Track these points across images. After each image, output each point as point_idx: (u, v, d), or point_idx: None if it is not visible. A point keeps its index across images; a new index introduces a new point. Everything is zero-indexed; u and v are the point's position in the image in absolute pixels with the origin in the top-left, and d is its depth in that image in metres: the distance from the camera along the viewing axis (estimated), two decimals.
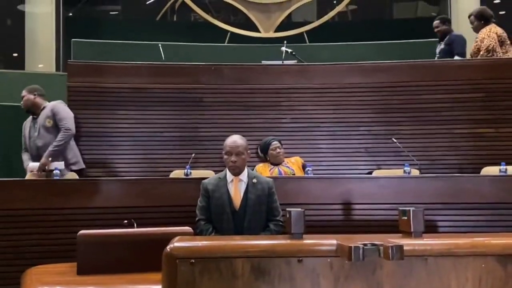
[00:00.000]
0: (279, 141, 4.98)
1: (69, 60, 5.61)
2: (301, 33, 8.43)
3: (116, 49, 7.61)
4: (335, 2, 10.08)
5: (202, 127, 5.35)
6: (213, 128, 5.31)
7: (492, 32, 5.66)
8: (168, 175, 4.76)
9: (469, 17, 6.05)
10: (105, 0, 14.70)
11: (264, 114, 5.39)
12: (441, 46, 6.11)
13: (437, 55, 6.10)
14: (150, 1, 14.51)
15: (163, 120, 5.32)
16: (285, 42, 6.39)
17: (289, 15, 9.24)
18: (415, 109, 5.28)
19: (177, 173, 4.74)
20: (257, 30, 8.69)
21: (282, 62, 6.19)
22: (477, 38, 5.79)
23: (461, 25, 10.90)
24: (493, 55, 5.54)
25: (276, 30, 8.70)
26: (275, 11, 8.70)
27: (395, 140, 5.05)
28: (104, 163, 5.20)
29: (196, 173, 4.60)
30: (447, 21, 6.27)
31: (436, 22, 6.22)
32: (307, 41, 8.44)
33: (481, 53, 5.60)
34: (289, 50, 6.32)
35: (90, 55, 7.16)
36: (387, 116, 5.32)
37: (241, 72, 5.53)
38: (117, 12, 14.88)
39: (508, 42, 5.71)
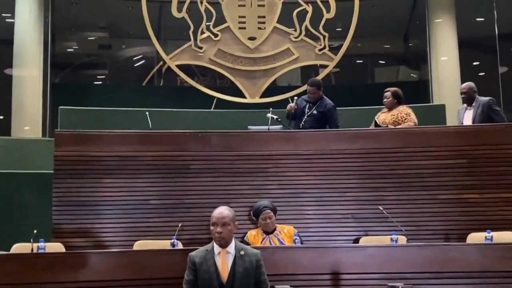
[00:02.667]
0: (273, 208, 4.95)
1: (57, 130, 5.61)
2: (287, 98, 8.55)
3: (103, 116, 7.65)
4: (318, 65, 10.28)
5: (189, 194, 5.33)
6: (200, 195, 5.29)
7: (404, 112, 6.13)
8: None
9: (386, 91, 6.38)
10: (92, 64, 14.87)
11: (251, 181, 5.40)
12: (312, 110, 6.30)
13: (305, 116, 6.24)
14: (137, 64, 14.73)
15: (150, 188, 5.30)
16: (270, 109, 6.46)
17: (274, 79, 9.39)
18: (400, 175, 5.32)
19: (164, 244, 4.68)
20: (243, 96, 8.81)
21: (268, 129, 6.28)
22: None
23: (442, 89, 11.22)
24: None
25: (262, 95, 8.83)
26: (260, 77, 8.86)
27: (381, 209, 5.06)
28: (90, 233, 5.13)
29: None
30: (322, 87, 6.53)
31: (312, 88, 6.42)
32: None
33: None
34: (275, 117, 6.39)
35: (77, 123, 7.20)
36: (373, 182, 5.34)
37: (228, 139, 5.56)
38: (104, 76, 15.05)
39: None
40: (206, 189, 5.32)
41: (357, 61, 14.57)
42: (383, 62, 14.88)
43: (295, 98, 6.91)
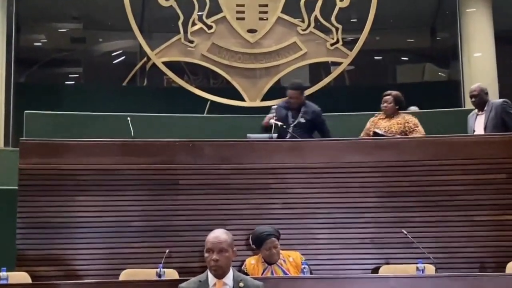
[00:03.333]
0: (277, 235, 4.96)
1: (22, 138, 5.62)
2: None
3: (76, 122, 7.68)
4: (329, 62, 10.33)
5: (178, 215, 5.34)
6: (192, 216, 5.31)
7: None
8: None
9: (387, 95, 6.56)
10: (64, 62, 14.93)
11: (251, 199, 5.41)
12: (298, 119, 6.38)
13: (291, 127, 6.32)
14: (116, 61, 14.78)
15: (132, 207, 5.31)
16: (274, 114, 6.49)
17: (278, 79, 9.41)
18: (427, 192, 5.33)
19: (148, 273, 4.69)
20: (242, 98, 8.83)
21: (271, 137, 6.30)
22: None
23: None
24: None
25: (263, 98, 8.85)
26: (261, 77, 8.87)
27: (405, 232, 5.06)
28: (61, 260, 5.13)
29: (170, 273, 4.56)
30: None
31: (296, 92, 6.51)
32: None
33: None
34: (279, 123, 6.42)
35: (45, 130, 7.22)
36: (395, 201, 5.35)
37: (223, 149, 5.58)
38: (77, 75, 15.10)
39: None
40: (198, 209, 5.33)
41: (376, 58, 14.65)
42: (406, 59, 14.96)
43: (273, 106, 6.95)
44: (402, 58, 14.86)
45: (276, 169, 5.46)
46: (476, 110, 6.59)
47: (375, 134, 6.19)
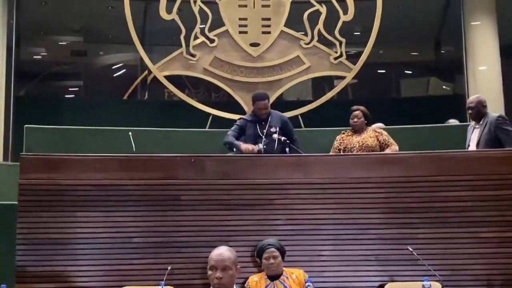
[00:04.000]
0: (280, 247, 4.95)
1: (22, 153, 5.62)
2: (295, 116, 8.56)
3: (76, 137, 7.66)
4: (333, 76, 10.34)
5: (180, 231, 5.32)
6: (194, 232, 5.29)
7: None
8: None
9: (354, 111, 6.80)
10: (64, 74, 14.98)
11: (254, 215, 5.39)
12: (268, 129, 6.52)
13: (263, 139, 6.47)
14: (117, 74, 14.83)
15: (133, 223, 5.29)
16: (277, 129, 6.49)
17: (281, 94, 9.41)
18: (433, 208, 5.31)
19: None
20: (244, 112, 8.82)
21: (274, 150, 6.31)
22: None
23: None
24: None
25: None
26: (264, 91, 8.85)
27: (411, 249, 5.05)
28: (61, 277, 5.12)
29: None
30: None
31: (266, 102, 6.78)
32: (302, 125, 8.57)
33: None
34: (282, 138, 6.43)
35: (45, 144, 7.22)
36: (400, 217, 5.34)
37: (226, 164, 5.57)
38: (78, 88, 15.15)
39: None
40: (201, 225, 5.31)
41: (379, 71, 14.68)
42: (410, 72, 14.99)
43: (237, 121, 6.96)
44: (406, 71, 14.90)
45: (279, 184, 5.45)
46: (473, 123, 6.59)
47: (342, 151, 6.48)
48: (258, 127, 6.53)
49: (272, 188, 5.44)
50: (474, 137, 6.49)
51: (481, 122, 6.46)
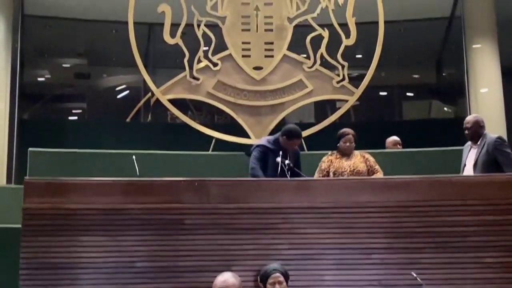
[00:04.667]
0: (284, 273, 4.92)
1: (27, 178, 5.61)
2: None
3: (80, 160, 7.70)
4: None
5: (183, 255, 5.28)
6: (197, 257, 5.24)
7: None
8: None
9: (347, 134, 6.93)
10: (68, 97, 15.05)
11: (257, 239, 5.36)
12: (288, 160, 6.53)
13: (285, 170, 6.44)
14: (120, 95, 14.89)
15: (136, 248, 5.25)
16: (280, 152, 6.50)
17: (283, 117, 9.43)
18: (436, 233, 5.28)
19: None
20: (247, 135, 8.84)
21: (277, 175, 6.31)
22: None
23: None
24: None
25: (269, 135, 8.83)
26: (267, 114, 8.88)
27: (414, 275, 5.03)
28: None
29: None
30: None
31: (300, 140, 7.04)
32: (305, 148, 8.58)
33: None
34: (286, 161, 6.43)
35: (49, 168, 7.24)
36: (404, 242, 5.30)
37: (229, 188, 5.55)
38: (81, 111, 15.21)
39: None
40: (204, 249, 5.27)
41: (381, 93, 14.72)
42: (412, 94, 15.01)
43: (258, 146, 6.94)
44: (408, 94, 14.93)
45: (282, 208, 5.43)
46: (470, 142, 6.56)
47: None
48: (280, 157, 6.53)
49: (275, 212, 5.41)
50: (471, 157, 6.49)
51: (478, 143, 6.46)
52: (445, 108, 14.32)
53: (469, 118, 6.68)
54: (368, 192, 5.48)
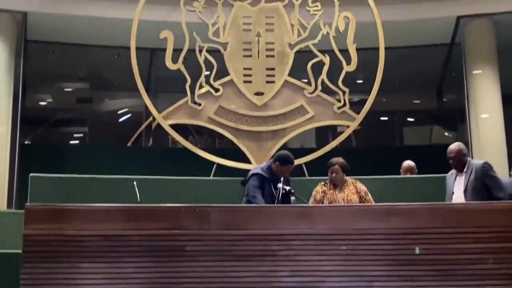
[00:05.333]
0: None
1: (28, 204, 5.58)
2: (299, 164, 8.55)
3: (81, 185, 7.68)
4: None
5: (183, 282, 5.25)
6: (198, 283, 5.22)
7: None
8: None
9: (334, 165, 6.91)
10: (70, 121, 15.09)
11: (258, 266, 5.32)
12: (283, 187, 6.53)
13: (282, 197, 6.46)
14: (122, 119, 14.92)
15: (137, 274, 5.22)
16: (281, 179, 6.49)
17: (284, 142, 9.42)
18: (439, 261, 5.24)
19: None
20: (248, 161, 8.82)
21: (279, 201, 6.29)
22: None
23: (484, 154, 11.26)
24: None
25: None
26: (268, 140, 8.86)
27: None
28: None
29: None
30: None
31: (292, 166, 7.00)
32: (306, 174, 8.56)
33: None
34: (287, 188, 6.42)
35: (50, 193, 7.22)
36: (406, 270, 5.25)
37: (230, 214, 5.53)
38: (82, 135, 15.24)
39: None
40: (204, 276, 5.24)
41: (382, 119, 14.74)
42: (413, 120, 15.03)
43: (255, 174, 6.93)
44: (409, 119, 14.95)
45: (283, 235, 5.39)
46: (455, 171, 6.63)
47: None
48: (272, 185, 6.54)
49: (276, 239, 5.38)
50: (458, 184, 6.59)
51: (465, 170, 6.54)
52: (446, 134, 14.33)
53: (452, 148, 6.75)
54: (369, 219, 5.45)
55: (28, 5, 11.65)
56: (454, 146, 6.79)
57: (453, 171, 6.81)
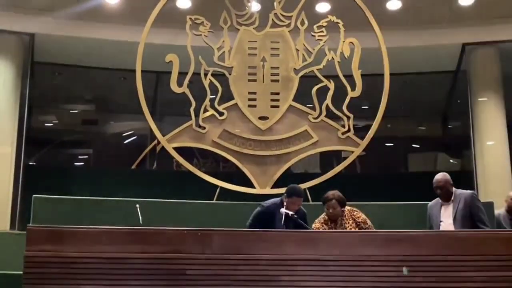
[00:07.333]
0: None
1: (29, 225, 5.61)
2: (303, 189, 8.52)
3: (84, 207, 7.67)
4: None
5: None
6: None
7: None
8: None
9: (331, 200, 6.63)
10: (75, 143, 15.12)
11: None
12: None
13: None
14: (127, 141, 14.95)
15: None
16: (284, 203, 6.48)
17: (288, 167, 9.41)
18: None
19: None
20: (251, 185, 8.82)
21: (282, 226, 6.28)
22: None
23: (489, 181, 11.23)
24: None
25: (274, 185, 8.82)
26: (272, 164, 8.87)
27: None
28: None
29: None
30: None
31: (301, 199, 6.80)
32: (309, 199, 8.54)
33: None
34: (290, 213, 6.41)
35: (52, 215, 7.22)
36: None
37: (233, 238, 5.52)
38: (87, 157, 15.26)
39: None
40: None
41: (387, 145, 14.73)
42: (418, 146, 15.01)
43: (262, 207, 6.91)
44: (414, 145, 14.93)
45: (286, 260, 5.38)
46: (440, 200, 6.63)
47: None
48: (289, 218, 6.50)
49: (278, 264, 5.36)
50: (446, 213, 6.61)
51: (452, 199, 6.55)
52: (451, 161, 14.30)
53: (440, 178, 6.76)
54: (372, 245, 5.43)
55: (35, 27, 11.75)
56: (442, 176, 6.78)
57: (437, 201, 6.81)
